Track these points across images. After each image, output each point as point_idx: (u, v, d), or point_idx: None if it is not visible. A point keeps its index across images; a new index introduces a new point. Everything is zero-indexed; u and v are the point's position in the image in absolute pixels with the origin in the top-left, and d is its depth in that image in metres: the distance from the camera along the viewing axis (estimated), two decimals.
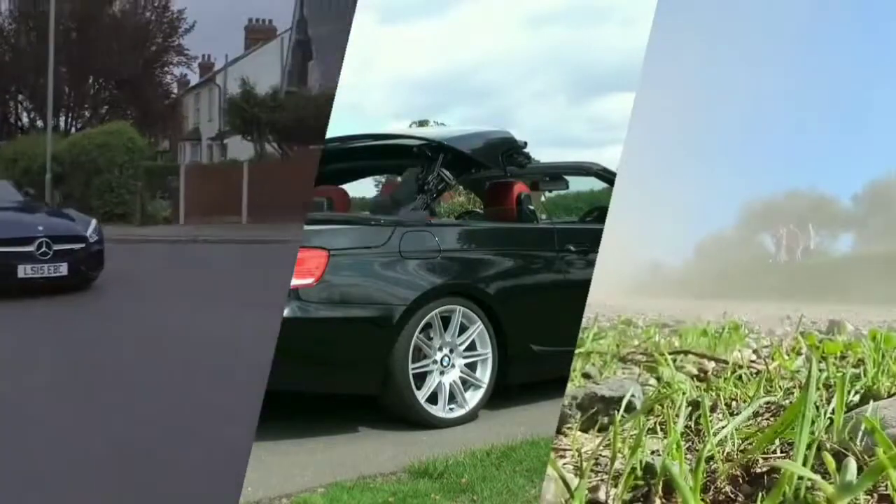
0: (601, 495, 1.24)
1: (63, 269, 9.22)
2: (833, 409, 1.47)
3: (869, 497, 1.11)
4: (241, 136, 19.88)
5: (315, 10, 19.67)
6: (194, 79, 31.67)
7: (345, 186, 5.87)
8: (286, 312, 4.23)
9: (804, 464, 1.18)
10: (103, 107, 28.25)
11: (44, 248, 9.13)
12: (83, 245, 9.55)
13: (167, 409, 4.94)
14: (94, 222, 10.12)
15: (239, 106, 19.04)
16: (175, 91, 30.60)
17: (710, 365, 2.68)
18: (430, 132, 7.55)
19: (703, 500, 1.20)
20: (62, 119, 26.94)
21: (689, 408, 1.70)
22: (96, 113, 27.98)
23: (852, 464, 1.17)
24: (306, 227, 4.77)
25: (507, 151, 5.34)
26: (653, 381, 2.24)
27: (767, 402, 1.85)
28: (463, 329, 4.61)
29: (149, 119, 27.17)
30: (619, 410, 1.73)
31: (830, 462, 1.22)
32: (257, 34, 28.78)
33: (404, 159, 5.41)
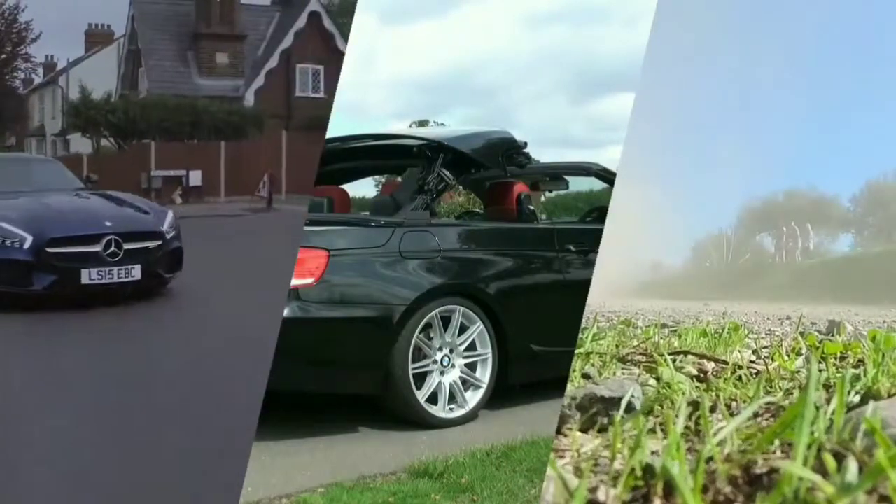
0: (601, 496, 1.24)
1: (136, 272, 7.57)
2: (833, 410, 1.47)
3: (869, 497, 1.12)
4: (81, 134, 22.86)
5: (143, 25, 23.40)
6: (39, 78, 33.80)
7: (345, 186, 5.87)
8: (286, 312, 4.23)
9: (804, 464, 1.18)
10: None
11: (113, 248, 7.49)
12: (160, 242, 7.92)
13: (165, 409, 4.95)
14: (170, 214, 8.44)
15: (78, 109, 22.14)
16: (21, 90, 32.73)
17: (710, 365, 2.69)
18: (430, 132, 7.55)
19: (702, 500, 1.20)
20: None
21: (689, 408, 1.70)
22: None
23: (853, 464, 1.17)
24: (306, 227, 4.78)
25: (507, 151, 5.35)
26: (652, 382, 2.25)
27: (767, 403, 1.86)
28: (463, 329, 4.61)
29: None
30: (618, 411, 1.73)
31: (831, 462, 1.22)
32: (96, 38, 31.09)
33: (405, 159, 5.41)
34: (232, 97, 22.09)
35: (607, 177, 5.71)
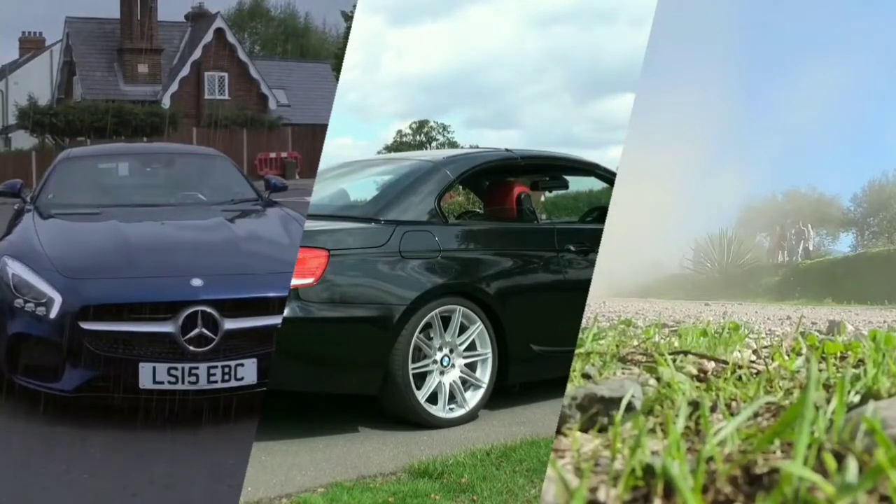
0: (601, 496, 1.24)
1: (246, 372, 4.31)
2: (833, 410, 1.47)
3: (869, 497, 1.11)
4: (29, 134, 26.82)
5: (76, 41, 27.37)
6: None
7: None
8: (286, 312, 4.23)
9: (804, 464, 1.18)
10: None
11: (198, 329, 4.28)
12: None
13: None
14: None
15: (27, 112, 26.12)
16: None
17: (710, 365, 2.68)
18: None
19: (702, 500, 1.20)
20: None
21: (689, 408, 1.70)
22: None
23: (853, 464, 1.17)
24: (307, 227, 4.77)
25: None
26: (653, 382, 2.24)
27: (767, 403, 1.86)
28: (463, 329, 4.61)
29: None
30: (618, 411, 1.73)
31: (831, 462, 1.22)
32: (29, 45, 34.51)
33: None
34: (151, 101, 26.46)
35: (607, 177, 5.72)
